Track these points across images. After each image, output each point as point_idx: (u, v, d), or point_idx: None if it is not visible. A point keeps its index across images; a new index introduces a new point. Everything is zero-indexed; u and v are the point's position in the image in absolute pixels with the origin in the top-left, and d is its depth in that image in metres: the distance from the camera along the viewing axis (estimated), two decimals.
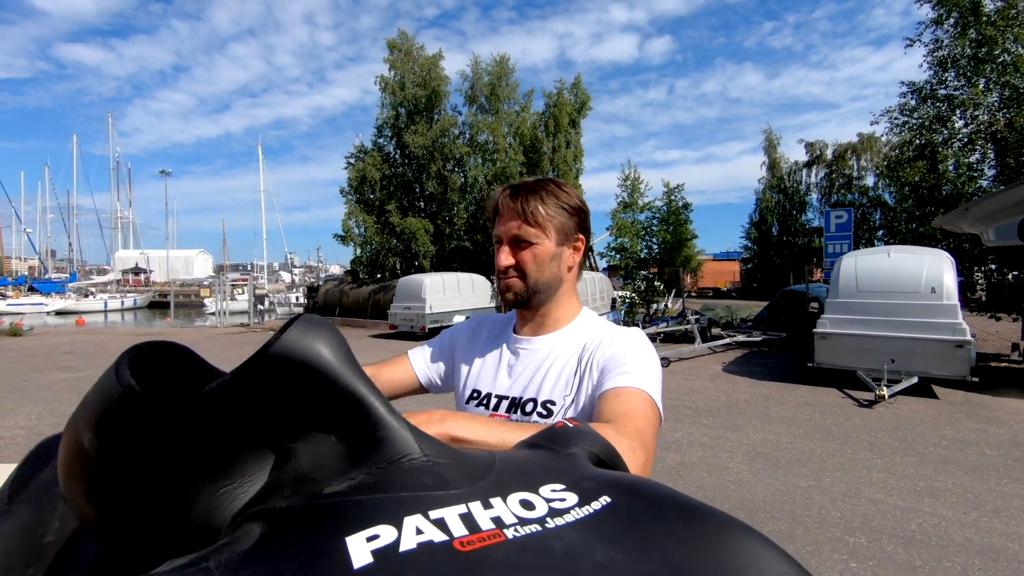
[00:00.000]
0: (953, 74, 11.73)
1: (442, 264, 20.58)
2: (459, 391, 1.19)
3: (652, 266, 17.66)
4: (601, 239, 17.75)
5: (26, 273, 50.99)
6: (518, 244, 1.06)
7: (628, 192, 16.64)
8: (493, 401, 1.10)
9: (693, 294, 32.24)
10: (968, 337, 7.55)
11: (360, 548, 0.39)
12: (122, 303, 39.10)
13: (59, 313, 33.83)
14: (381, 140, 22.59)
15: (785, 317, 14.26)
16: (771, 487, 4.52)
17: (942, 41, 11.61)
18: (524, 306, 1.11)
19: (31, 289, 40.77)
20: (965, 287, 9.03)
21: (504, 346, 1.17)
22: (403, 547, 0.40)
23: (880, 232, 25.73)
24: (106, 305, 37.57)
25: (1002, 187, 8.86)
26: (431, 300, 15.45)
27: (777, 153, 35.36)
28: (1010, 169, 11.24)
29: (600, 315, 1.23)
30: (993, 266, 12.58)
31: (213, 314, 29.21)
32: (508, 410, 1.07)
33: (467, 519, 0.44)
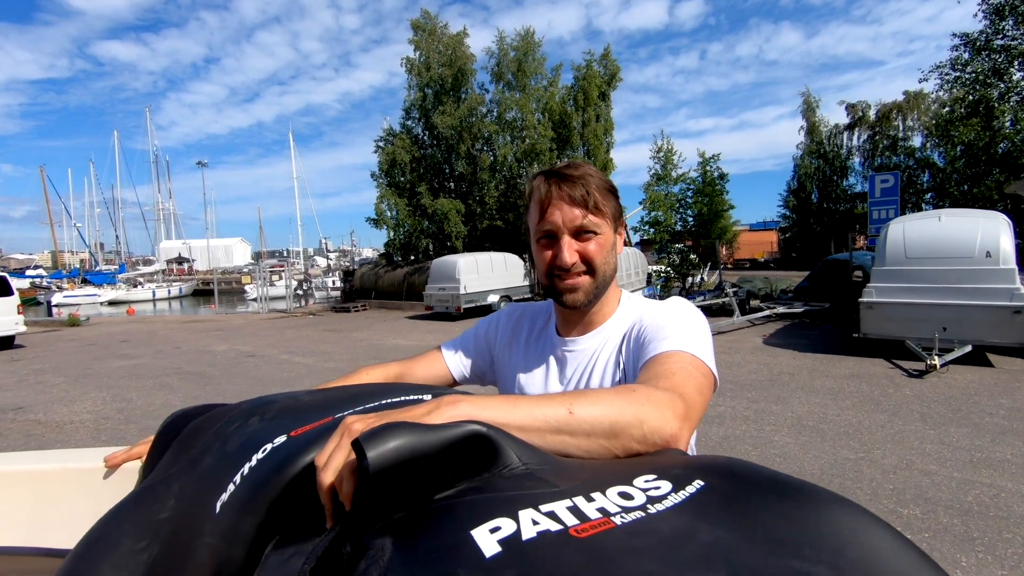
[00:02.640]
0: (1012, 22, 10.97)
1: (474, 244, 20.65)
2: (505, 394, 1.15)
3: (687, 239, 17.32)
4: (634, 213, 17.48)
5: (78, 266, 53.36)
6: (580, 236, 0.98)
7: (661, 164, 16.28)
8: None
9: (729, 266, 31.57)
10: None
11: (486, 539, 0.42)
12: (168, 292, 40.62)
13: (111, 303, 35.34)
14: (409, 122, 22.61)
15: (828, 287, 13.86)
16: (819, 460, 4.47)
17: None
18: (590, 307, 1.04)
19: (84, 281, 42.67)
20: (1021, 250, 8.59)
21: (550, 349, 1.12)
22: (525, 536, 0.42)
23: (928, 195, 24.58)
24: (154, 294, 39.10)
25: None
26: (465, 280, 15.56)
27: (816, 116, 33.93)
28: None
29: (635, 290, 1.19)
30: None
31: (255, 300, 30.10)
32: None
33: (575, 511, 0.46)
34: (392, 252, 22.62)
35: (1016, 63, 11.05)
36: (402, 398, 0.78)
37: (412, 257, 21.70)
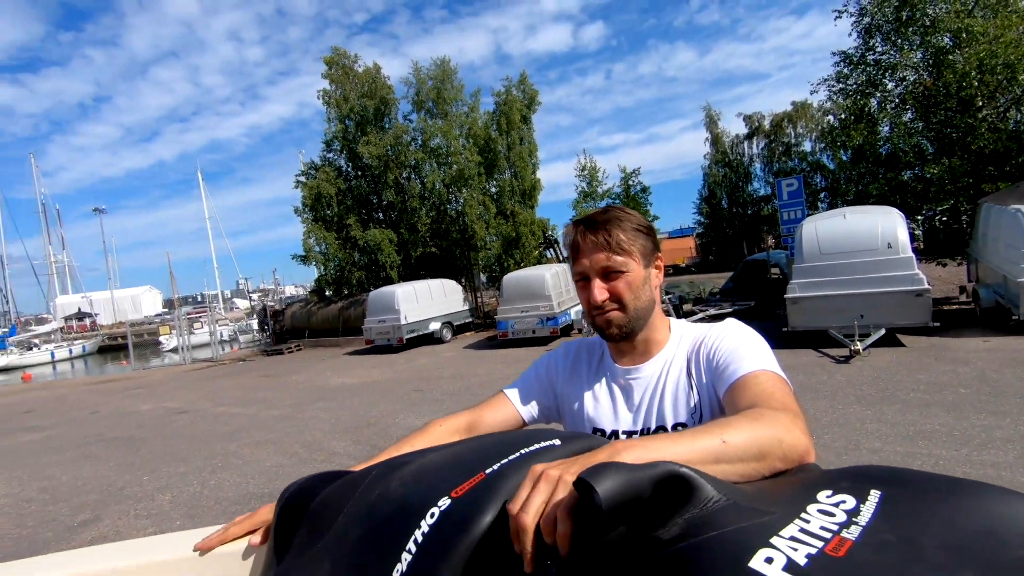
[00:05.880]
0: (880, 39, 12.41)
1: (409, 273, 20.39)
2: (573, 429, 1.17)
3: None
4: (566, 230, 17.97)
5: None
6: (608, 276, 1.06)
7: (587, 181, 16.90)
8: (622, 438, 1.07)
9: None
10: (926, 286, 8.06)
11: (770, 570, 0.45)
12: (70, 351, 37.16)
13: (2, 370, 31.85)
14: (331, 155, 22.16)
15: (750, 286, 14.82)
16: None
17: (867, 9, 12.26)
18: (628, 338, 1.11)
19: None
20: (913, 239, 9.68)
21: (611, 379, 1.17)
22: (800, 562, 0.46)
23: (823, 195, 26.93)
24: (53, 355, 35.62)
25: None
26: (405, 310, 15.31)
27: (718, 128, 36.46)
28: (938, 124, 12.01)
29: (576, 305, 1.25)
30: (927, 213, 13.46)
31: (173, 351, 28.07)
32: None
33: (808, 534, 0.50)
34: (324, 287, 21.89)
35: (887, 75, 12.48)
36: (535, 447, 0.80)
37: (345, 291, 21.10)
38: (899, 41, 12.15)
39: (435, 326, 16.24)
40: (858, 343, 7.84)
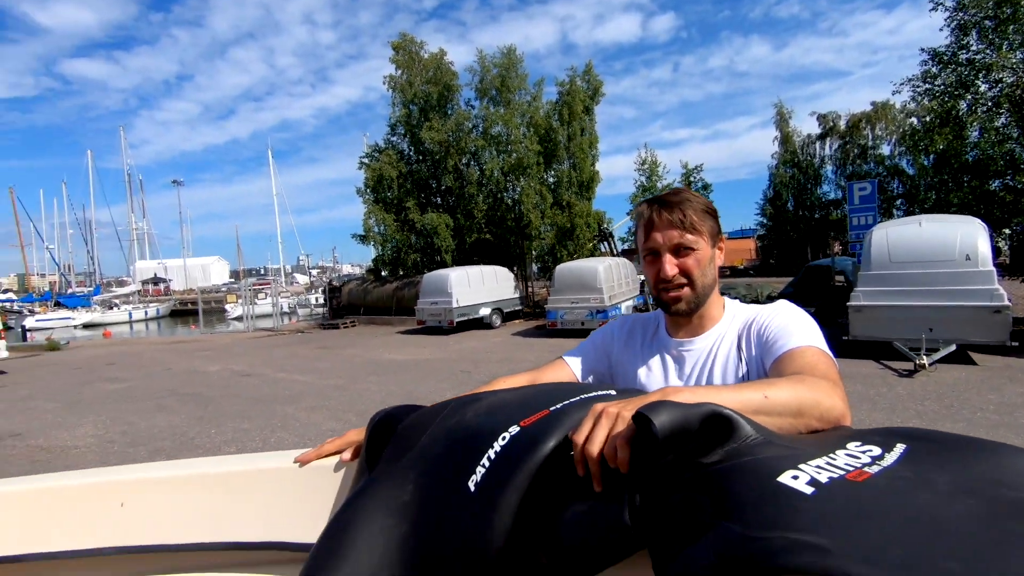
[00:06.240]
0: (976, 36, 11.59)
1: (463, 258, 20.74)
2: None
3: None
4: (621, 224, 17.84)
5: (48, 288, 51.92)
6: (678, 253, 1.12)
7: (646, 176, 16.66)
8: None
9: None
10: (1006, 302, 7.58)
11: (795, 483, 0.54)
12: (145, 313, 39.73)
13: (87, 326, 34.44)
14: (394, 138, 22.75)
15: (811, 292, 14.26)
16: None
17: (964, 3, 11.47)
18: (691, 313, 1.17)
19: (58, 304, 41.50)
20: (996, 253, 9.06)
21: (665, 350, 1.24)
22: (823, 479, 0.54)
23: (899, 202, 25.48)
24: (130, 316, 38.19)
25: None
26: (457, 294, 15.63)
27: (789, 127, 34.96)
28: None
29: (626, 300, 1.30)
30: (1017, 227, 12.52)
31: (237, 319, 29.67)
32: None
33: (833, 465, 0.58)
34: (380, 267, 22.59)
35: (980, 76, 11.66)
36: (594, 394, 0.91)
37: (400, 272, 21.71)
38: (997, 40, 11.31)
39: (485, 311, 16.49)
40: (924, 357, 7.47)
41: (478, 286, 16.58)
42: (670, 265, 1.12)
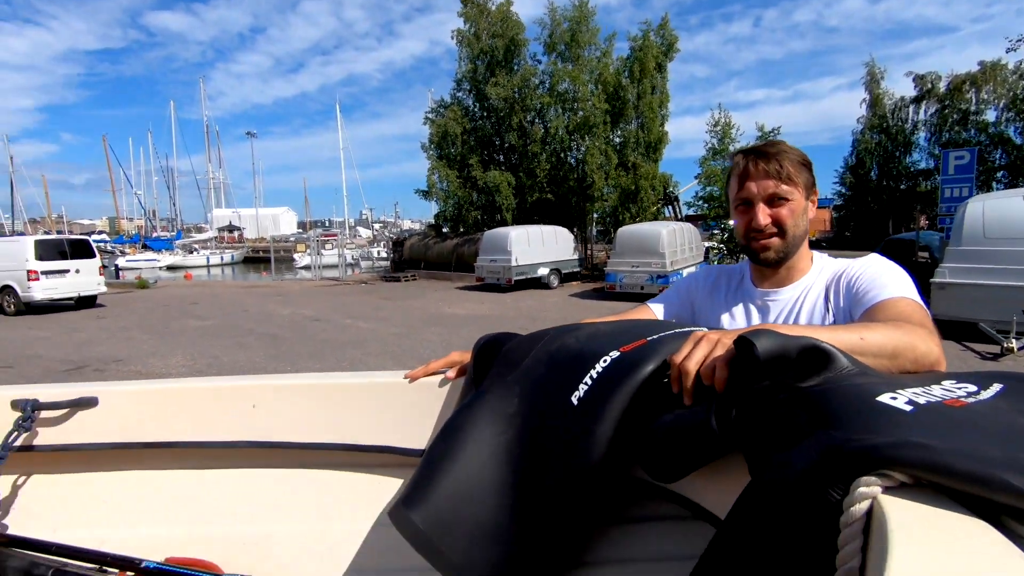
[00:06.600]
0: None
1: (523, 217, 20.75)
2: None
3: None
4: (687, 188, 17.26)
5: (136, 232, 55.98)
6: (772, 203, 1.13)
7: (718, 138, 15.95)
8: None
9: None
10: None
11: (894, 403, 0.57)
12: (221, 259, 42.13)
13: (169, 268, 36.95)
14: (460, 94, 22.69)
15: None
16: None
17: None
18: (780, 263, 1.17)
19: (144, 246, 44.78)
20: None
21: (750, 300, 1.26)
22: (920, 401, 0.58)
23: (1001, 174, 23.31)
24: (208, 260, 40.63)
25: None
26: (517, 253, 15.74)
27: (880, 88, 32.18)
28: None
29: (688, 266, 1.30)
30: None
31: (305, 268, 31.07)
32: None
33: (928, 393, 0.61)
34: (441, 223, 22.96)
35: None
36: (690, 329, 0.96)
37: (461, 229, 21.99)
38: None
39: (543, 271, 16.56)
40: (1013, 341, 6.99)
41: (538, 246, 16.61)
42: (763, 215, 1.13)
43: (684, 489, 0.86)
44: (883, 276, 1.08)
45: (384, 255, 29.84)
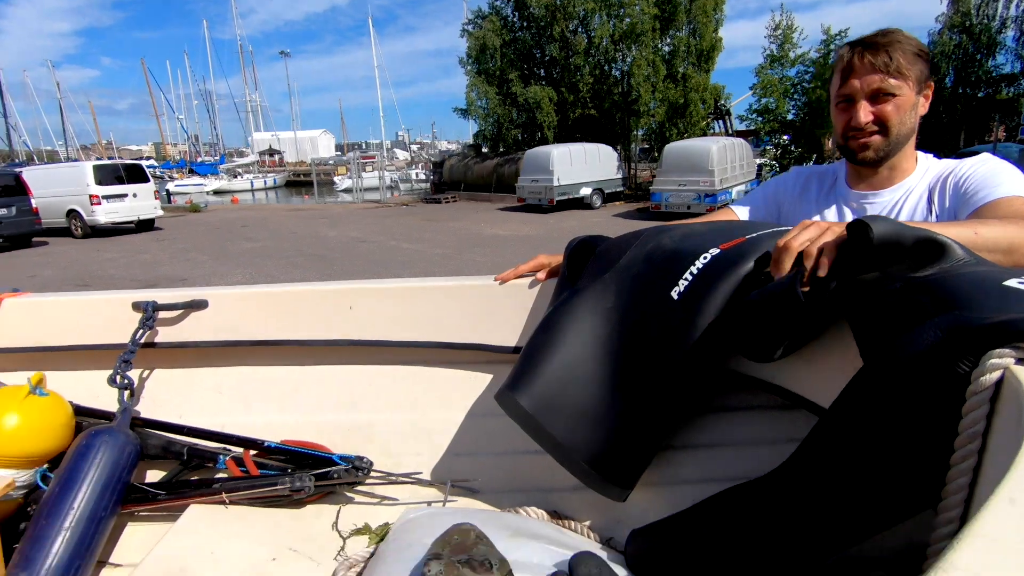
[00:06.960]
0: None
1: (565, 135, 20.09)
2: None
3: (790, 131, 16.01)
4: (740, 100, 16.23)
5: (181, 157, 57.15)
6: (876, 99, 1.05)
7: (778, 44, 14.74)
8: None
9: (836, 160, 28.98)
10: None
11: (1017, 284, 0.56)
12: (264, 183, 42.74)
13: (216, 192, 37.83)
14: (498, 3, 21.44)
15: None
16: None
17: None
18: (881, 163, 1.11)
19: (191, 171, 45.84)
20: None
21: (844, 202, 1.20)
22: None
23: None
24: (252, 184, 41.25)
25: None
26: (559, 172, 15.41)
27: None
28: None
29: (740, 184, 1.21)
30: None
31: (346, 191, 31.36)
32: None
33: None
34: (481, 143, 22.52)
35: None
36: (786, 228, 0.94)
37: (501, 148, 21.54)
38: None
39: (586, 191, 16.24)
40: None
41: (580, 165, 16.19)
42: (864, 112, 1.06)
43: (782, 379, 0.88)
44: (998, 175, 1.02)
45: (423, 177, 29.69)
